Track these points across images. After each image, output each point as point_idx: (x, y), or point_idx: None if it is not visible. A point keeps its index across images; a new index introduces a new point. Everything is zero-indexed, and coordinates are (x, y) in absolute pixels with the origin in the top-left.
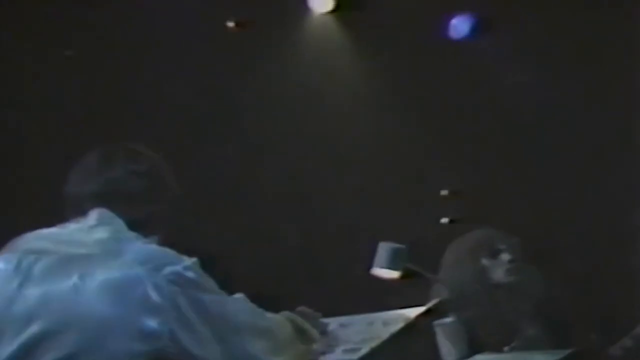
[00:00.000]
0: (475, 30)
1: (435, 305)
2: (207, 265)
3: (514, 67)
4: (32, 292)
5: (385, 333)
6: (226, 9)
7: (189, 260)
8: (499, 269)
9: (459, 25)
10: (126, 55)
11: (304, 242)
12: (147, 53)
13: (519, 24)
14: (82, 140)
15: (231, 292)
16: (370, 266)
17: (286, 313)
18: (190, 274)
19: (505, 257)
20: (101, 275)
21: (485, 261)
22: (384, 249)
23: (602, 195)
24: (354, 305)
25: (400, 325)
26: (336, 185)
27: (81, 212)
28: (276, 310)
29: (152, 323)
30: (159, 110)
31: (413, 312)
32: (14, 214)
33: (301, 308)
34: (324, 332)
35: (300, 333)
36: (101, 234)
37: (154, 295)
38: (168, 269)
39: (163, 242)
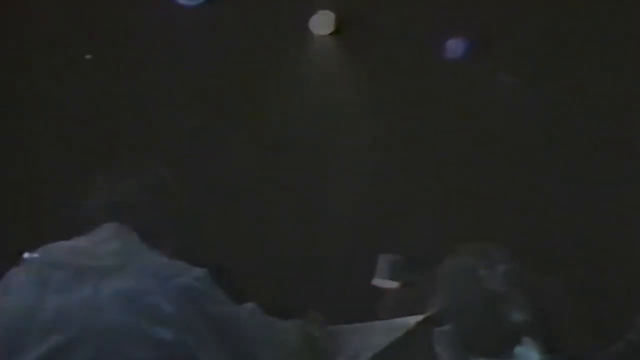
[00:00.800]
0: (471, 51)
1: (434, 314)
2: (216, 275)
3: (510, 83)
4: (51, 304)
5: (386, 341)
6: (228, 29)
7: (198, 271)
8: (496, 278)
9: (456, 47)
10: (130, 66)
11: (305, 249)
12: (150, 70)
13: (516, 44)
14: (93, 147)
15: (238, 301)
16: (370, 276)
17: (296, 321)
18: (199, 285)
19: (502, 266)
20: (114, 287)
21: (482, 271)
22: (383, 260)
23: (602, 200)
24: (355, 313)
25: (400, 333)
26: (337, 196)
27: (94, 225)
28: (282, 318)
29: (163, 332)
30: (160, 117)
31: (413, 321)
32: (22, 221)
33: (312, 313)
34: (329, 339)
35: (310, 341)
36: (114, 246)
37: (165, 306)
38: (178, 280)
39: (173, 254)
